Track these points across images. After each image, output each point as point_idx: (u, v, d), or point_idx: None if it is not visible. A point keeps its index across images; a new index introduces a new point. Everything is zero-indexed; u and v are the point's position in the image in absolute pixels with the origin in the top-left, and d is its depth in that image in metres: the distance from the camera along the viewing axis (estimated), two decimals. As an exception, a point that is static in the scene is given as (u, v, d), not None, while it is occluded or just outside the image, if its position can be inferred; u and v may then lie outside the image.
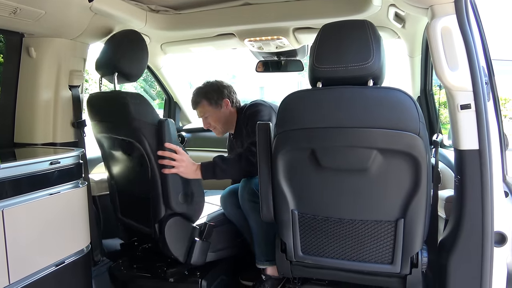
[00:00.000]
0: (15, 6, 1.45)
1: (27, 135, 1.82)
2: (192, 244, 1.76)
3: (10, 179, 1.27)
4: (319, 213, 1.40)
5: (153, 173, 1.69)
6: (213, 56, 22.46)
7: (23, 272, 1.32)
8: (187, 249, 1.76)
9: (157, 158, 1.66)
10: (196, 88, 2.09)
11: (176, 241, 1.75)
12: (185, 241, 1.76)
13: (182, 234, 1.76)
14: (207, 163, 1.73)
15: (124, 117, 1.64)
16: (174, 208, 1.70)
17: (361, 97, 1.29)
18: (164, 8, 2.02)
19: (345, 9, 1.76)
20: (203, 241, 1.77)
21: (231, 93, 2.06)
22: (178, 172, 1.67)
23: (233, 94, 2.07)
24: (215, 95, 2.02)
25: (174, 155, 1.66)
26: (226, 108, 2.03)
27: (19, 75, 1.81)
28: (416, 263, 1.36)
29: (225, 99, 2.03)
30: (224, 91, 2.04)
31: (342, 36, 1.34)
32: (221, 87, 2.04)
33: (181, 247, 1.76)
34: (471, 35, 1.19)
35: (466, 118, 1.22)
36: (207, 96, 2.02)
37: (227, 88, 2.06)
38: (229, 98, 2.04)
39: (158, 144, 1.66)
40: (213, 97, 2.02)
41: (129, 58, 1.74)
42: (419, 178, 1.26)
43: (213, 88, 2.04)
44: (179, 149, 1.68)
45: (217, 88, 2.04)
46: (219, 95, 2.02)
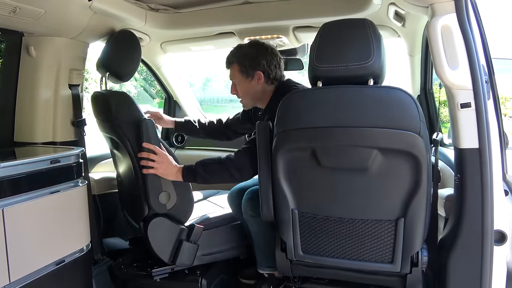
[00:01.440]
0: (14, 5, 1.45)
1: (27, 134, 1.82)
2: (179, 246, 1.74)
3: (10, 178, 1.27)
4: (319, 212, 1.40)
5: (136, 171, 1.71)
6: (213, 55, 22.46)
7: (24, 271, 1.32)
8: (173, 250, 1.75)
9: (139, 158, 1.67)
10: (238, 45, 1.82)
11: (160, 241, 1.75)
12: (171, 241, 1.75)
13: (168, 234, 1.75)
14: (189, 167, 1.65)
15: (109, 116, 1.71)
16: (153, 209, 1.70)
17: (362, 96, 1.29)
18: (164, 7, 2.01)
19: (345, 8, 1.75)
20: (190, 243, 1.75)
21: (271, 66, 1.71)
22: (157, 173, 1.65)
23: (274, 68, 1.72)
24: (249, 62, 1.70)
25: (152, 156, 1.64)
26: (258, 82, 1.72)
27: (19, 74, 1.81)
28: (416, 262, 1.36)
29: (259, 71, 1.70)
30: (262, 61, 1.69)
31: (343, 35, 1.34)
32: (260, 56, 1.70)
33: (166, 248, 1.75)
34: (471, 34, 1.19)
35: (466, 116, 1.22)
36: (241, 61, 1.72)
37: (269, 58, 1.71)
38: (265, 71, 1.70)
39: (138, 144, 1.67)
40: (246, 64, 1.70)
41: (119, 59, 1.82)
42: (419, 177, 1.26)
43: (252, 53, 1.71)
44: (157, 149, 1.65)
45: (255, 56, 1.70)
46: (253, 64, 1.70)
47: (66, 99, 1.88)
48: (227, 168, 1.61)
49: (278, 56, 1.75)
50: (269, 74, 1.72)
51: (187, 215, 1.80)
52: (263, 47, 1.74)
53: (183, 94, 2.88)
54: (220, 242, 1.86)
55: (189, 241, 1.75)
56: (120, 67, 1.84)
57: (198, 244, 1.77)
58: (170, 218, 1.75)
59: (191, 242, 1.75)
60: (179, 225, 1.76)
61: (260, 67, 1.70)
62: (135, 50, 1.87)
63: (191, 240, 1.75)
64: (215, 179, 1.65)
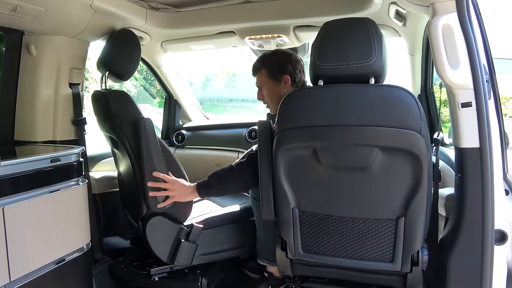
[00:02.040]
0: (15, 3, 1.45)
1: (27, 133, 1.82)
2: (178, 245, 1.74)
3: (10, 177, 1.27)
4: (320, 211, 1.40)
5: (134, 170, 1.71)
6: (213, 54, 22.47)
7: (24, 270, 1.32)
8: (172, 249, 1.75)
9: (137, 157, 1.68)
10: (263, 53, 1.87)
11: (159, 240, 1.75)
12: (170, 241, 1.75)
13: (166, 233, 1.75)
14: (202, 182, 1.68)
15: (108, 115, 1.73)
16: (152, 208, 1.70)
17: (363, 95, 1.29)
18: (164, 6, 2.01)
19: (346, 7, 1.75)
20: (189, 243, 1.75)
21: (296, 70, 1.79)
22: (175, 200, 1.68)
23: (299, 73, 1.80)
24: (277, 67, 1.77)
25: (164, 185, 1.66)
26: (285, 85, 1.77)
27: (19, 73, 1.80)
28: (417, 261, 1.36)
29: (286, 75, 1.76)
30: (289, 66, 1.77)
31: (344, 34, 1.34)
32: (287, 61, 1.78)
33: (164, 247, 1.75)
34: (472, 33, 1.19)
35: (467, 116, 1.22)
36: (268, 66, 1.79)
37: (294, 63, 1.79)
38: (291, 75, 1.77)
39: (137, 143, 1.67)
40: (274, 69, 1.78)
41: (118, 58, 1.83)
42: (420, 177, 1.26)
43: (278, 59, 1.79)
44: (167, 177, 1.67)
45: (282, 62, 1.78)
46: (281, 69, 1.77)
47: (66, 98, 1.87)
48: (239, 173, 1.63)
49: (301, 62, 1.83)
50: (295, 78, 1.78)
51: (186, 214, 1.79)
52: (288, 53, 1.83)
53: (183, 93, 2.88)
54: (219, 242, 1.85)
55: (188, 240, 1.75)
56: (119, 66, 1.84)
57: (197, 243, 1.76)
58: (169, 217, 1.75)
59: (190, 242, 1.75)
60: (178, 224, 1.76)
61: (287, 71, 1.77)
62: (135, 49, 1.87)
63: (190, 239, 1.75)
64: (229, 187, 1.68)
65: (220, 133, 2.75)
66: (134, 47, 1.88)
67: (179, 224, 1.76)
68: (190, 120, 3.01)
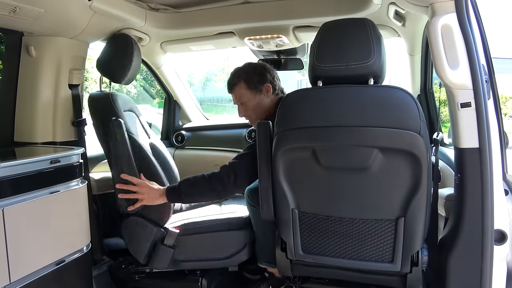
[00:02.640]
0: (14, 4, 1.45)
1: (27, 134, 1.82)
2: (154, 248, 1.74)
3: (10, 178, 1.27)
4: (320, 212, 1.40)
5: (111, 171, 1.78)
6: (213, 55, 22.46)
7: (24, 271, 1.32)
8: (148, 251, 1.75)
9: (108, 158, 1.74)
10: (235, 68, 1.84)
11: (135, 241, 1.76)
12: (146, 242, 1.75)
13: (142, 235, 1.75)
14: (172, 186, 1.66)
15: (92, 117, 1.84)
16: (121, 208, 1.72)
17: (362, 96, 1.29)
18: (164, 7, 2.01)
19: (345, 8, 1.75)
20: (164, 246, 1.73)
21: (274, 78, 1.77)
22: (143, 204, 1.66)
23: (277, 81, 1.79)
24: (256, 77, 1.75)
25: (132, 187, 1.66)
26: (267, 95, 1.75)
27: (18, 74, 1.80)
28: (417, 261, 1.36)
29: (267, 83, 1.74)
30: (267, 75, 1.76)
31: (343, 35, 1.34)
32: (263, 70, 1.77)
33: (141, 248, 1.76)
34: (472, 33, 1.19)
35: (466, 116, 1.22)
36: (247, 78, 1.76)
37: (271, 72, 1.78)
38: (272, 83, 1.75)
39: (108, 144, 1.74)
40: (253, 80, 1.75)
41: (113, 61, 1.89)
42: (419, 177, 1.26)
43: (255, 70, 1.77)
44: (135, 179, 1.67)
45: (259, 71, 1.77)
46: (260, 78, 1.75)
47: (66, 99, 1.88)
48: (209, 181, 1.61)
49: (275, 71, 1.83)
50: (275, 86, 1.77)
51: (163, 216, 1.78)
52: (261, 64, 1.82)
53: (183, 93, 2.88)
54: (201, 250, 1.79)
55: (164, 244, 1.74)
56: (113, 69, 1.89)
57: (173, 248, 1.74)
58: (145, 218, 1.75)
59: (165, 246, 1.74)
60: (155, 226, 1.75)
61: (266, 79, 1.75)
62: (131, 54, 1.88)
63: (166, 243, 1.73)
64: (197, 194, 1.64)
65: (220, 133, 2.75)
66: (130, 51, 1.89)
67: (157, 227, 1.76)
68: (190, 121, 3.01)
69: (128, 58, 1.88)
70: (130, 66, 1.90)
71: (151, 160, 1.78)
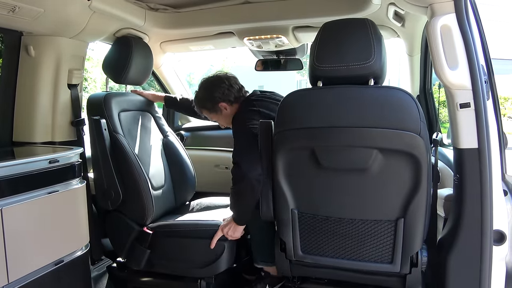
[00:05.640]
0: (13, 4, 1.45)
1: (26, 134, 1.82)
2: (132, 246, 1.78)
3: (9, 178, 1.27)
4: (319, 212, 1.40)
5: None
6: (213, 55, 22.43)
7: (22, 271, 1.31)
8: (127, 249, 1.80)
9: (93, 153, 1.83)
10: (194, 96, 1.97)
11: (115, 237, 1.82)
12: (125, 240, 1.80)
13: (123, 232, 1.80)
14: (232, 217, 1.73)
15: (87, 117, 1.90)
16: (98, 202, 1.77)
17: (362, 97, 1.29)
18: (163, 7, 2.01)
19: (345, 8, 1.75)
20: (140, 246, 1.76)
21: (224, 92, 1.83)
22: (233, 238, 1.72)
23: (229, 92, 1.84)
24: (209, 103, 1.86)
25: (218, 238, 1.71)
26: (226, 110, 1.86)
27: (17, 74, 1.80)
28: (416, 262, 1.36)
29: (220, 103, 1.84)
30: (216, 95, 1.83)
31: (343, 35, 1.34)
32: (213, 92, 1.84)
33: (121, 244, 1.81)
34: (471, 34, 1.19)
35: (466, 116, 1.22)
36: (203, 106, 1.90)
37: (221, 88, 1.83)
38: (225, 100, 1.84)
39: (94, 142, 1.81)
40: (208, 105, 1.88)
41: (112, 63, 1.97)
42: (419, 178, 1.26)
43: (205, 96, 1.87)
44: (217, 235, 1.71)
45: (210, 95, 1.85)
46: (213, 102, 1.85)
47: (65, 99, 1.87)
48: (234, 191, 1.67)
49: (227, 80, 1.86)
50: (229, 99, 1.85)
51: (144, 215, 1.79)
52: (210, 81, 1.89)
53: (182, 93, 2.88)
54: (173, 255, 1.77)
55: (139, 243, 1.77)
56: (112, 70, 1.98)
57: (148, 249, 1.76)
58: (125, 216, 1.80)
59: (141, 246, 1.76)
60: (135, 225, 1.79)
61: (217, 99, 1.84)
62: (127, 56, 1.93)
63: (141, 243, 1.76)
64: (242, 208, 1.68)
65: (219, 133, 2.74)
66: (129, 52, 1.93)
67: (136, 226, 1.79)
68: (189, 121, 3.01)
69: (127, 59, 1.92)
70: (129, 67, 1.93)
71: (132, 162, 1.78)
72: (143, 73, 2.06)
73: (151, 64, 2.10)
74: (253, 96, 1.86)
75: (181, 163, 2.10)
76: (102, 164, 1.77)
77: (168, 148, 2.11)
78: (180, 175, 2.09)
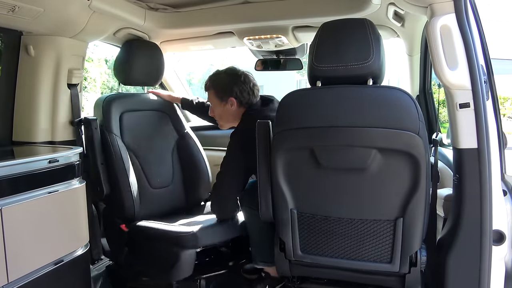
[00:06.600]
0: (13, 3, 1.45)
1: (25, 133, 1.82)
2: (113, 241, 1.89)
3: (8, 177, 1.26)
4: (318, 212, 1.40)
5: None
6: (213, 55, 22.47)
7: (22, 271, 1.31)
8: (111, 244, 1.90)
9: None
10: (215, 71, 1.91)
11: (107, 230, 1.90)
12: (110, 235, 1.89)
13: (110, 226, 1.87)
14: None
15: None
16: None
17: (361, 96, 1.29)
18: (163, 6, 2.01)
19: (344, 8, 1.75)
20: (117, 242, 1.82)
21: (242, 92, 1.81)
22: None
23: (246, 95, 1.82)
24: (222, 89, 1.82)
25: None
26: (231, 106, 1.83)
27: (17, 74, 1.80)
28: (415, 262, 1.36)
29: (232, 97, 1.81)
30: (234, 89, 1.80)
31: (342, 35, 1.34)
32: (232, 83, 1.81)
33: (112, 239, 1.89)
34: (470, 34, 1.19)
35: (465, 116, 1.22)
36: (216, 87, 1.84)
37: (241, 86, 1.81)
38: (237, 98, 1.81)
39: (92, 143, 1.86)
40: (221, 90, 1.83)
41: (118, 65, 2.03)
42: (418, 178, 1.26)
43: (224, 81, 1.83)
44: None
45: (228, 83, 1.82)
46: (226, 91, 1.81)
47: (65, 99, 1.87)
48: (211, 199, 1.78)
49: (251, 83, 1.85)
50: (241, 100, 1.83)
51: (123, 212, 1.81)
52: (237, 75, 1.84)
53: (182, 93, 2.88)
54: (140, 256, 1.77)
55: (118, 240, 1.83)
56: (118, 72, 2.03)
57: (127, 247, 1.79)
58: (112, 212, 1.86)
59: (119, 242, 1.82)
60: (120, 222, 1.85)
61: (232, 93, 1.82)
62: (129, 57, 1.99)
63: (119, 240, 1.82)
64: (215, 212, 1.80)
65: (219, 133, 2.73)
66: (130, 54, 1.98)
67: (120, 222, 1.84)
68: (189, 121, 3.01)
69: (128, 61, 1.97)
70: (131, 68, 1.97)
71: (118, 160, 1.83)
72: (149, 73, 2.08)
73: (159, 64, 2.11)
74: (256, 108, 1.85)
75: (194, 164, 2.10)
76: (91, 160, 1.85)
77: (181, 148, 2.11)
78: (193, 175, 2.09)
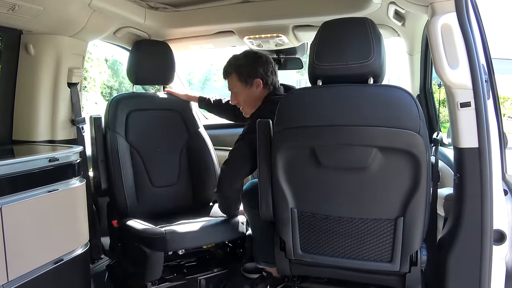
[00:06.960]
0: (13, 2, 1.45)
1: (25, 132, 1.82)
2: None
3: (8, 176, 1.26)
4: (319, 211, 1.40)
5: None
6: (213, 54, 22.47)
7: (22, 270, 1.31)
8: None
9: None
10: (232, 56, 1.85)
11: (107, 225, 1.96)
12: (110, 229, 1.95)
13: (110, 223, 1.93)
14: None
15: None
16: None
17: (361, 95, 1.29)
18: (163, 5, 2.01)
19: (345, 7, 1.75)
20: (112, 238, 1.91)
21: (267, 72, 1.76)
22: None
23: (270, 75, 1.77)
24: (247, 70, 1.75)
25: None
26: (257, 88, 1.76)
27: (17, 72, 1.80)
28: (416, 261, 1.36)
29: (257, 78, 1.75)
30: (259, 69, 1.75)
31: (343, 34, 1.34)
32: (257, 63, 1.76)
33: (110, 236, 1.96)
34: (471, 33, 1.19)
35: (466, 116, 1.22)
36: (239, 70, 1.77)
37: (265, 66, 1.76)
38: (263, 78, 1.75)
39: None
40: (244, 73, 1.76)
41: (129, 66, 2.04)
42: (419, 177, 1.26)
43: (248, 62, 1.77)
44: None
45: (252, 64, 1.76)
46: (252, 72, 1.75)
47: (65, 98, 1.88)
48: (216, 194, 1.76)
49: (273, 63, 1.82)
50: (267, 80, 1.77)
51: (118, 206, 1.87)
52: (258, 55, 1.80)
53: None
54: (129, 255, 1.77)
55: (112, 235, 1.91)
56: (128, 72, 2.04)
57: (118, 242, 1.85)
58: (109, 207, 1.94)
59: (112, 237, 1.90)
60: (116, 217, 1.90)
61: (258, 73, 1.76)
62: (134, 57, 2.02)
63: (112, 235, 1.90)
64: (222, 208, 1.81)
65: (219, 133, 2.74)
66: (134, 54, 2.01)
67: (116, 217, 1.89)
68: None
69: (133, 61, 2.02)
70: (137, 68, 2.01)
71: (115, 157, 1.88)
72: (160, 72, 2.09)
73: (169, 63, 2.10)
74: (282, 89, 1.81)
75: (203, 164, 2.08)
76: (93, 157, 1.93)
77: (191, 147, 2.10)
78: (201, 175, 2.08)
